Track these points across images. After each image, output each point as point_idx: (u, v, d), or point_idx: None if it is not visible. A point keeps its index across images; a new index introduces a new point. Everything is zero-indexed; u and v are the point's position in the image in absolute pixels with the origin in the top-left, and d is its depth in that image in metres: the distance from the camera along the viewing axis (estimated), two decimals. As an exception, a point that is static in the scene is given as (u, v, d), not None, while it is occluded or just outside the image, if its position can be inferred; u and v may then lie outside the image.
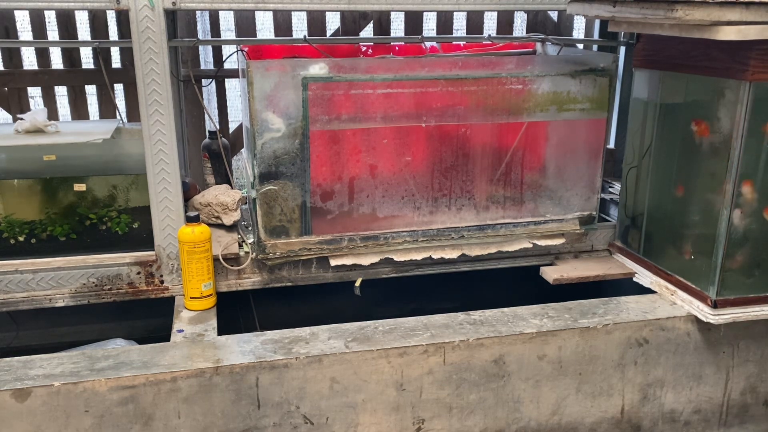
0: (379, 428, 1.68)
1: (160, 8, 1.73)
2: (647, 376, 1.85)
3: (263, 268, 1.97)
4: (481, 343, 1.69)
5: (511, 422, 1.78)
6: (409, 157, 1.97)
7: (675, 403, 1.91)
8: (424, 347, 1.65)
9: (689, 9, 1.51)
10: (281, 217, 1.92)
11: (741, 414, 1.99)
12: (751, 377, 1.96)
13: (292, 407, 1.60)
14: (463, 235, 2.06)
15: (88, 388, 1.47)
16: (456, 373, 1.69)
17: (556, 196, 2.14)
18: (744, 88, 1.68)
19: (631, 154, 2.15)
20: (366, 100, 1.89)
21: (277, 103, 1.83)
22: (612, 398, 1.84)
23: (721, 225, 1.79)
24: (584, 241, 2.20)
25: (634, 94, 2.11)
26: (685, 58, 1.85)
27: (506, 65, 1.98)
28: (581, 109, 2.06)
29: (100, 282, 1.88)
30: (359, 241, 1.98)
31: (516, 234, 2.10)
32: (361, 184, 1.96)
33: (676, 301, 1.90)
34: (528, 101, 2.01)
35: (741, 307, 1.83)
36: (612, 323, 1.78)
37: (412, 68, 1.92)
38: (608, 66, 2.05)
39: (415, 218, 2.03)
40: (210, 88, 2.72)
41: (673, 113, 1.98)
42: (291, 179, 1.90)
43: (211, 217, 2.10)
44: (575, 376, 1.78)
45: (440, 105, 1.94)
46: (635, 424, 1.89)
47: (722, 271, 1.81)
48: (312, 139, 1.87)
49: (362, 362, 1.62)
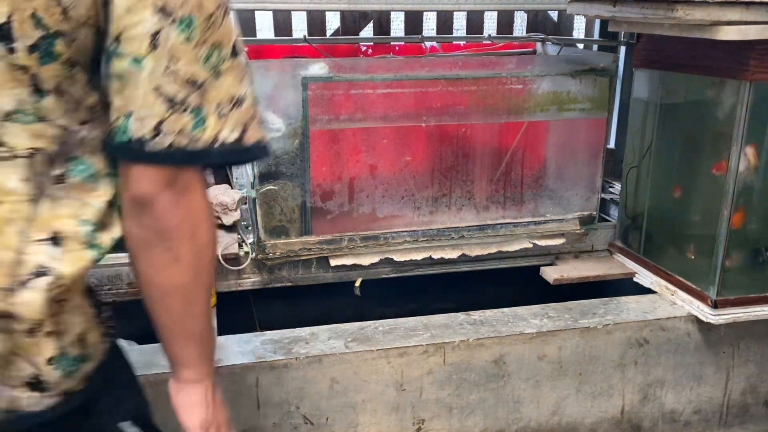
0: (379, 428, 1.68)
1: (159, 8, 1.73)
2: (647, 376, 1.85)
3: (263, 268, 1.97)
4: (481, 343, 1.69)
5: (511, 422, 1.77)
6: (409, 157, 1.97)
7: (675, 404, 1.91)
8: (424, 347, 1.65)
9: (689, 9, 1.50)
10: (281, 217, 1.92)
11: (741, 414, 1.99)
12: (751, 377, 1.95)
13: (292, 407, 1.60)
14: (463, 235, 2.06)
15: (88, 388, 1.47)
16: (456, 373, 1.69)
17: (556, 196, 2.14)
18: (744, 88, 1.68)
19: (631, 154, 2.15)
20: (366, 100, 1.88)
21: (276, 102, 1.83)
22: (612, 398, 1.84)
23: (721, 225, 1.79)
24: (584, 241, 2.19)
25: (634, 94, 2.11)
26: (685, 58, 1.85)
27: (506, 65, 1.98)
28: (581, 109, 2.06)
29: (100, 282, 1.88)
30: (359, 241, 1.98)
31: (516, 234, 2.10)
32: (361, 184, 1.95)
33: (676, 301, 1.90)
34: (528, 101, 2.01)
35: (741, 307, 1.82)
36: (612, 323, 1.78)
37: (412, 68, 1.92)
38: (608, 66, 2.05)
39: (415, 218, 2.03)
40: (210, 88, 2.71)
41: (673, 113, 1.98)
42: (291, 179, 1.90)
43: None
44: (575, 376, 1.78)
45: (440, 105, 1.94)
46: (635, 425, 1.89)
47: (722, 271, 1.81)
48: (312, 139, 1.87)
49: (362, 362, 1.62)
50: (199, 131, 0.79)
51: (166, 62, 0.76)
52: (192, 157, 0.80)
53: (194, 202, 0.85)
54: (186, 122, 0.78)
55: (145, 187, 0.80)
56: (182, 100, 0.78)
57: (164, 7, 0.75)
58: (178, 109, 0.78)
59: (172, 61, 0.76)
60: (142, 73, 0.76)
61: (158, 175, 0.80)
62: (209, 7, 0.78)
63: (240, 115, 0.82)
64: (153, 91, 0.77)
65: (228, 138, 0.81)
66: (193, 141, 0.79)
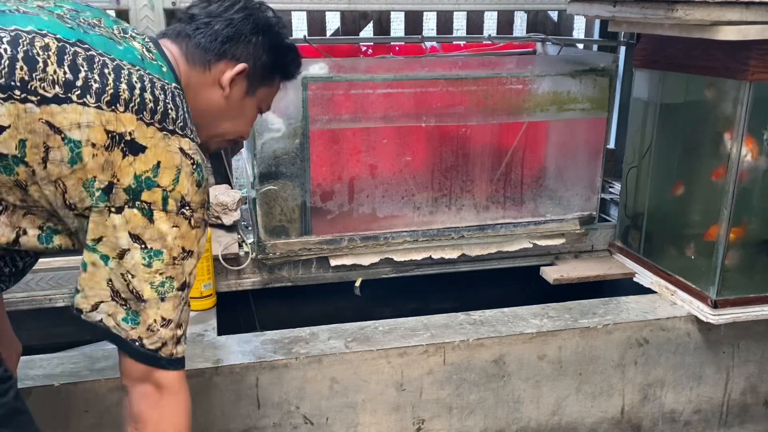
0: (379, 428, 1.68)
1: (160, 8, 1.73)
2: (647, 376, 1.85)
3: (263, 268, 1.97)
4: (481, 343, 1.69)
5: (511, 422, 1.77)
6: (409, 157, 1.97)
7: (675, 403, 1.91)
8: (424, 347, 1.65)
9: (689, 9, 1.50)
10: (281, 217, 1.92)
11: (741, 414, 1.99)
12: (751, 377, 1.95)
13: (292, 407, 1.60)
14: (463, 235, 2.06)
15: (88, 388, 1.47)
16: (456, 373, 1.69)
17: (556, 196, 2.14)
18: (744, 88, 1.68)
19: (631, 154, 2.15)
20: (366, 100, 1.88)
21: (277, 102, 1.81)
22: (612, 398, 1.84)
23: (721, 225, 1.79)
24: (584, 241, 2.19)
25: (634, 94, 2.11)
26: (685, 58, 1.85)
27: (506, 65, 1.98)
28: (581, 109, 2.06)
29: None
30: (359, 241, 1.98)
31: (516, 234, 2.10)
32: (361, 184, 1.95)
33: (676, 301, 1.90)
34: (528, 101, 2.01)
35: (741, 307, 1.82)
36: (612, 323, 1.78)
37: (412, 68, 1.92)
38: (608, 66, 2.05)
39: (415, 218, 2.03)
40: (210, 88, 2.71)
41: (673, 113, 1.98)
42: (291, 179, 1.90)
43: (211, 217, 2.10)
44: (575, 376, 1.78)
45: (440, 105, 1.94)
46: (635, 425, 1.89)
47: (722, 271, 1.81)
48: (312, 139, 1.87)
49: (362, 362, 1.62)
50: (126, 326, 0.98)
51: (124, 271, 0.96)
52: (111, 337, 0.99)
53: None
54: (119, 312, 0.98)
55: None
56: (124, 300, 0.97)
57: (139, 236, 0.95)
58: (118, 302, 0.97)
59: (129, 274, 0.96)
60: (104, 268, 0.96)
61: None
62: (176, 251, 0.97)
63: (164, 333, 1.00)
64: (106, 282, 0.96)
65: (147, 345, 0.99)
66: (117, 328, 0.98)
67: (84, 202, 0.94)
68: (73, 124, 0.90)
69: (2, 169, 0.90)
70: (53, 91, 0.89)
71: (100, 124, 0.91)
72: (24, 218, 0.97)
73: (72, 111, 0.90)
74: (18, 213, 0.96)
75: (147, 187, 0.93)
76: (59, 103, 0.90)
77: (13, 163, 0.90)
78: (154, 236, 0.95)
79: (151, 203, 0.94)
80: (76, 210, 0.95)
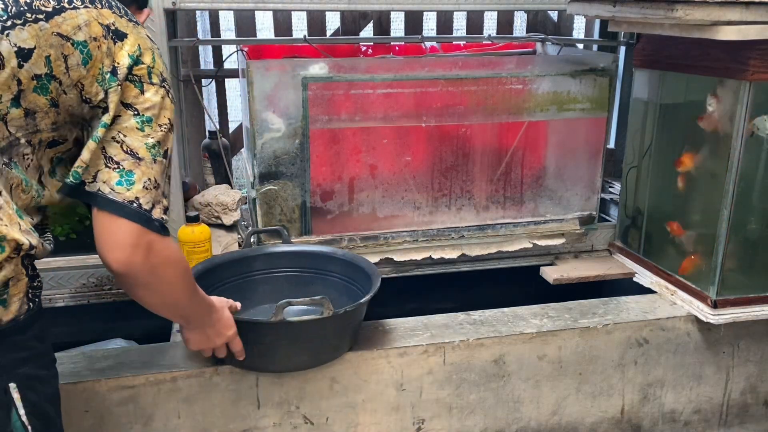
0: (379, 428, 1.68)
1: (160, 8, 1.73)
2: (647, 376, 1.85)
3: (263, 268, 1.97)
4: (481, 343, 1.69)
5: (511, 422, 1.78)
6: (409, 157, 1.97)
7: (675, 403, 1.91)
8: (424, 347, 1.65)
9: (689, 9, 1.50)
10: (281, 217, 1.92)
11: (741, 414, 1.99)
12: (751, 377, 1.95)
13: (292, 407, 1.60)
14: (463, 235, 2.06)
15: (88, 388, 1.47)
16: (456, 373, 1.69)
17: (556, 196, 2.14)
18: (744, 88, 1.68)
19: (631, 154, 2.15)
20: (366, 100, 1.88)
21: (277, 102, 1.83)
22: (612, 398, 1.84)
23: (721, 225, 1.79)
24: (584, 241, 2.20)
25: (634, 94, 2.11)
26: (685, 58, 1.85)
27: (506, 65, 1.98)
28: (581, 109, 2.06)
29: (100, 282, 1.88)
30: (359, 241, 1.98)
31: (516, 234, 2.10)
32: (361, 183, 1.95)
33: (676, 301, 1.90)
34: (528, 101, 2.01)
35: (741, 307, 1.82)
36: (612, 323, 1.78)
37: (412, 68, 1.92)
38: (608, 66, 2.05)
39: (415, 218, 2.03)
40: (210, 88, 2.72)
41: (673, 113, 1.98)
42: (291, 179, 1.90)
43: (211, 217, 2.10)
44: (575, 376, 1.78)
45: (440, 105, 1.94)
46: (635, 424, 1.89)
47: (722, 271, 1.81)
48: (312, 139, 1.87)
49: (362, 362, 1.62)
50: (122, 188, 1.06)
51: (115, 133, 1.07)
52: (107, 203, 1.05)
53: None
54: (113, 177, 1.06)
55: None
56: (117, 163, 1.06)
57: (132, 104, 1.08)
58: (111, 167, 1.06)
59: (121, 134, 1.07)
60: (100, 141, 1.07)
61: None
62: (162, 120, 1.10)
63: (154, 195, 1.09)
64: (100, 150, 1.07)
65: (144, 204, 1.07)
66: (113, 193, 1.06)
67: (98, 96, 1.06)
68: (75, 27, 1.03)
69: (39, 90, 1.02)
70: (51, 5, 1.02)
71: (94, 19, 1.05)
72: (45, 155, 1.09)
73: (70, 17, 1.03)
74: (42, 148, 1.08)
75: (136, 64, 1.08)
76: (59, 13, 1.02)
77: (47, 80, 1.02)
78: (146, 105, 1.08)
79: (141, 76, 1.08)
80: (92, 103, 1.07)
